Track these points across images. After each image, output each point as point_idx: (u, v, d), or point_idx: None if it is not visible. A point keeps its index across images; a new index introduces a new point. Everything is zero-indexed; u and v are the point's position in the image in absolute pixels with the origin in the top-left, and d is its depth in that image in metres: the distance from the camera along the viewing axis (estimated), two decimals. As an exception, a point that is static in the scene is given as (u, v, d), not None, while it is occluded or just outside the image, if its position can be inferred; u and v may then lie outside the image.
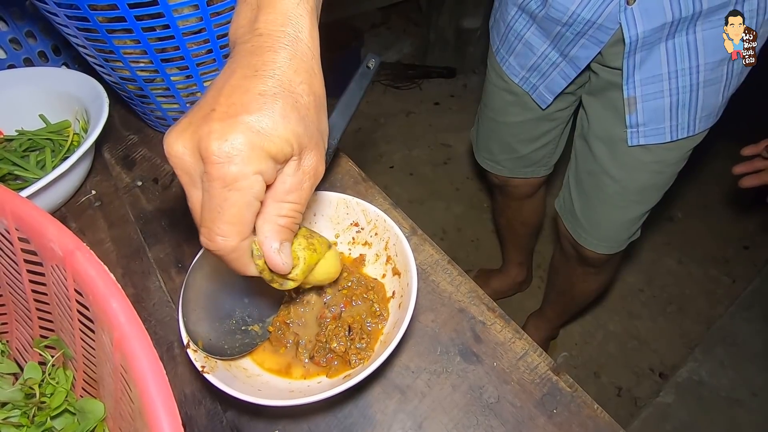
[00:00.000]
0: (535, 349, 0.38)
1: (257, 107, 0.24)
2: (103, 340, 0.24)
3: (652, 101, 0.61)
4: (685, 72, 0.58)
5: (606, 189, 0.74)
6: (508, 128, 0.86)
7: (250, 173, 0.24)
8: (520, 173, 0.95)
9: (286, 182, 0.27)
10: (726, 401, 1.22)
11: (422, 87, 2.18)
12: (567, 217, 0.87)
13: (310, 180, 0.28)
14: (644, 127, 0.63)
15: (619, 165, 0.70)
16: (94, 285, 0.23)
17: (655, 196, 0.74)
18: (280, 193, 0.27)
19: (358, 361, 0.35)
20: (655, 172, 0.69)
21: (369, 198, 0.49)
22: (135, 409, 0.22)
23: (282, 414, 0.35)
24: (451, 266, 0.44)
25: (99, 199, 0.52)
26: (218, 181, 0.24)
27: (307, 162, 0.27)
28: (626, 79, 0.60)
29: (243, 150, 0.24)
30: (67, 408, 0.29)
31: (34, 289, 0.29)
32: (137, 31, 0.42)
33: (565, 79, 0.68)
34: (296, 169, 0.27)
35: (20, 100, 0.55)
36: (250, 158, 0.24)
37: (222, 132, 0.24)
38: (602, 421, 0.35)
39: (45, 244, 0.25)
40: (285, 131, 0.25)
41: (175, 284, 0.44)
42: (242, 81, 0.25)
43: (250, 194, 0.25)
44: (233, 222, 0.25)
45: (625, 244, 0.83)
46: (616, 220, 0.78)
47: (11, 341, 0.34)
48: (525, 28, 0.68)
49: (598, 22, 0.58)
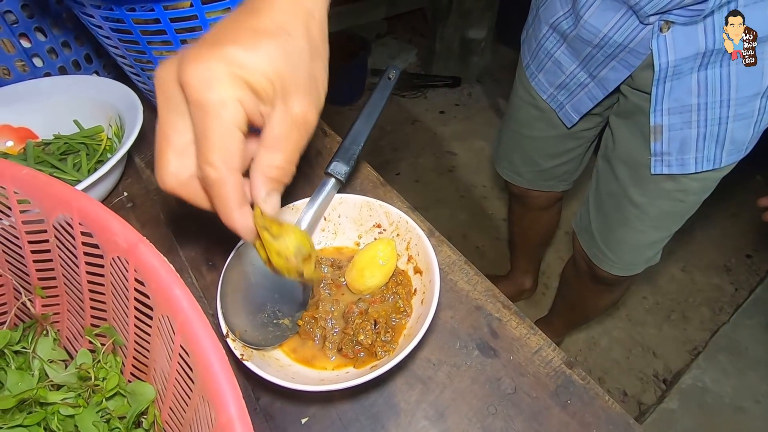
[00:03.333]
0: (549, 344, 0.41)
1: (244, 40, 0.24)
2: (162, 325, 0.27)
3: (678, 131, 0.60)
4: (715, 105, 0.56)
5: (625, 212, 0.73)
6: (532, 142, 0.86)
7: (228, 100, 0.24)
8: (540, 186, 0.96)
9: (275, 128, 0.26)
10: (729, 408, 1.23)
11: (427, 96, 2.21)
12: (583, 235, 0.86)
13: (299, 129, 0.27)
14: (669, 156, 0.63)
15: (641, 190, 0.69)
16: (157, 274, 0.26)
17: (675, 223, 0.73)
18: (269, 140, 0.26)
19: (384, 353, 0.37)
20: (677, 200, 0.68)
21: (388, 201, 0.52)
22: (195, 388, 0.25)
23: (312, 401, 0.38)
24: (468, 266, 0.46)
25: (131, 201, 0.55)
26: (196, 106, 0.24)
27: (295, 108, 0.26)
28: (654, 106, 0.59)
29: (221, 77, 0.24)
30: (119, 390, 0.32)
31: (90, 280, 0.32)
32: (176, 42, 0.45)
33: (592, 100, 0.68)
34: (284, 115, 0.26)
35: (56, 107, 0.58)
36: (227, 85, 0.24)
37: (202, 58, 0.24)
38: (614, 412, 0.37)
39: (109, 237, 0.28)
40: (267, 68, 0.25)
41: (206, 281, 0.46)
42: (238, 16, 0.26)
43: (230, 121, 0.25)
44: (217, 149, 0.25)
45: (642, 268, 0.82)
46: (634, 244, 0.77)
47: (62, 330, 0.36)
48: (555, 47, 0.68)
49: (630, 46, 0.58)
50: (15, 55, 0.57)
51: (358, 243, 0.46)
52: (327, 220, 0.46)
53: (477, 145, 1.96)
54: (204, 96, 0.24)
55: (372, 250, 0.42)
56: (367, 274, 0.41)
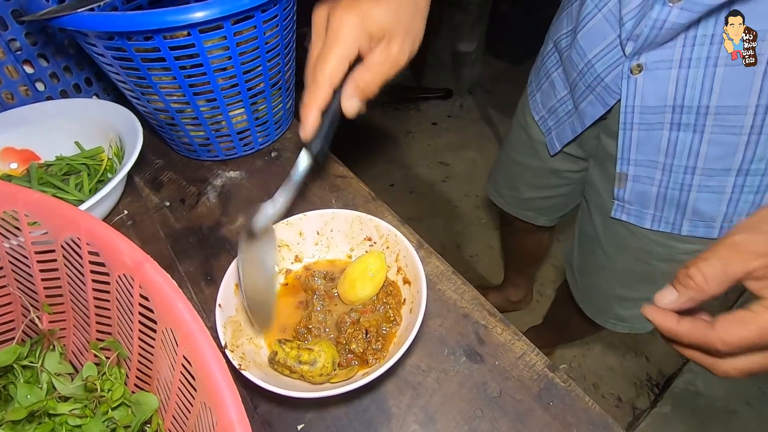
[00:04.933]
0: (533, 349, 0.43)
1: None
2: (166, 338, 0.29)
3: (640, 184, 0.59)
4: (679, 169, 0.54)
5: (597, 258, 0.73)
6: (516, 166, 0.86)
7: (352, 39, 0.38)
8: (518, 214, 0.95)
9: (374, 58, 0.39)
10: (722, 411, 1.25)
11: (420, 108, 2.25)
12: (569, 270, 0.86)
13: (391, 63, 0.40)
14: (629, 205, 0.62)
15: (608, 238, 0.69)
16: (162, 290, 0.28)
17: (643, 285, 0.69)
18: (368, 64, 0.39)
19: (375, 361, 0.39)
20: (642, 261, 0.66)
21: (379, 215, 0.54)
22: (197, 396, 0.27)
23: (308, 408, 0.39)
24: (456, 276, 0.48)
25: (131, 219, 0.57)
26: (331, 36, 0.38)
27: (393, 48, 0.39)
28: (621, 153, 0.58)
29: (353, 23, 0.37)
30: (124, 401, 0.33)
31: (96, 297, 0.34)
32: (174, 69, 0.48)
33: (572, 131, 0.66)
34: (384, 49, 0.39)
35: (58, 129, 0.60)
36: (355, 29, 0.37)
37: (346, 8, 0.38)
38: (594, 413, 0.39)
39: (115, 256, 0.30)
40: (383, 19, 0.38)
41: (205, 295, 0.48)
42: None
43: (346, 53, 0.38)
44: (329, 65, 0.38)
45: (613, 325, 0.78)
46: (603, 292, 0.76)
47: (67, 345, 0.38)
48: (554, 68, 0.67)
49: (606, 81, 0.56)
50: (18, 81, 0.59)
51: (350, 256, 0.48)
52: (320, 234, 0.48)
53: (470, 155, 2.00)
54: (338, 32, 0.38)
55: (363, 262, 0.44)
56: (359, 286, 0.43)
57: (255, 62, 0.52)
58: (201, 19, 0.42)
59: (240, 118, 0.58)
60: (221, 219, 0.56)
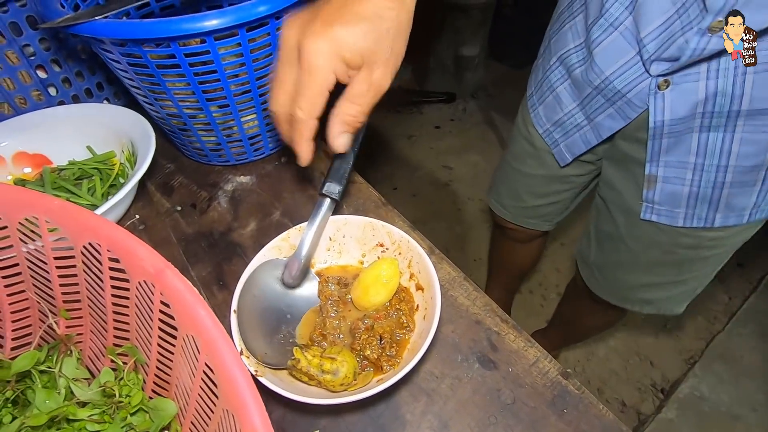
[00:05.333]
0: (546, 356, 0.43)
1: (348, 21, 0.33)
2: (186, 344, 0.29)
3: (671, 185, 0.59)
4: (711, 168, 0.55)
5: (621, 254, 0.73)
6: (520, 177, 0.85)
7: (327, 69, 0.34)
8: (522, 222, 0.95)
9: (355, 88, 0.36)
10: (727, 417, 1.25)
11: (423, 111, 2.26)
12: (582, 265, 0.87)
13: (374, 90, 0.36)
14: (659, 206, 0.62)
15: (634, 236, 0.69)
16: (183, 297, 0.28)
17: (669, 272, 0.70)
18: (350, 95, 0.36)
19: (389, 367, 0.39)
20: (668, 251, 0.67)
21: (389, 221, 0.54)
22: (219, 402, 0.27)
23: (322, 414, 0.40)
24: (467, 282, 0.49)
25: (143, 223, 0.57)
26: (305, 68, 0.34)
27: (375, 75, 0.35)
28: (650, 157, 0.58)
29: (326, 52, 0.34)
30: (141, 407, 0.34)
31: (115, 302, 0.34)
32: (189, 75, 0.48)
33: (585, 144, 0.67)
34: (366, 78, 0.35)
35: (70, 134, 0.60)
36: (329, 59, 0.34)
37: (318, 35, 0.34)
38: (607, 420, 0.39)
39: (136, 263, 0.30)
40: (361, 45, 0.34)
41: (217, 300, 0.49)
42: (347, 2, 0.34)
43: (324, 84, 0.35)
44: (307, 100, 0.35)
45: (638, 307, 0.80)
46: (629, 284, 0.77)
47: (84, 350, 0.38)
48: (559, 81, 0.66)
49: (628, 96, 0.56)
50: (31, 86, 0.60)
51: (362, 261, 0.49)
52: (332, 240, 0.48)
53: (472, 159, 2.00)
54: (311, 63, 0.34)
55: (376, 269, 0.44)
56: (372, 292, 0.43)
57: (268, 68, 0.52)
58: (217, 27, 0.42)
59: (251, 124, 0.58)
60: (232, 224, 0.56)
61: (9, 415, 0.33)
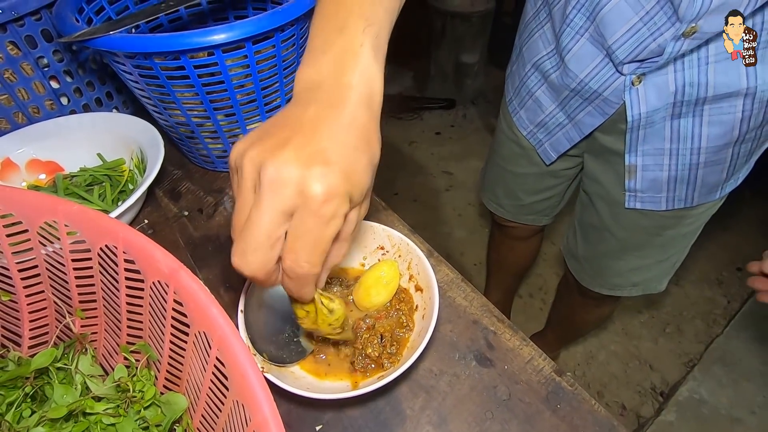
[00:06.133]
0: (540, 354, 0.44)
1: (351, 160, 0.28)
2: (198, 341, 0.31)
3: (650, 172, 0.62)
4: (686, 152, 0.59)
5: (607, 243, 0.76)
6: (514, 177, 0.88)
7: (342, 214, 0.27)
8: (521, 219, 0.98)
9: (350, 226, 0.30)
10: (726, 419, 1.26)
11: (423, 118, 2.29)
12: (570, 259, 0.90)
13: (357, 224, 0.31)
14: (642, 193, 0.65)
15: (619, 224, 0.72)
16: (196, 296, 0.30)
17: (654, 253, 0.75)
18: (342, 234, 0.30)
19: (390, 365, 0.41)
20: (653, 234, 0.71)
21: (389, 224, 0.56)
22: (230, 394, 0.29)
23: (325, 409, 0.41)
24: (465, 284, 0.50)
25: (151, 228, 0.59)
26: (317, 217, 0.26)
27: (363, 207, 0.31)
28: (628, 148, 0.61)
29: (340, 194, 0.27)
30: (154, 401, 0.35)
31: (129, 302, 0.36)
32: (197, 85, 0.50)
33: (569, 141, 0.70)
34: (356, 214, 0.30)
35: (81, 141, 0.63)
36: (344, 201, 0.27)
37: (325, 176, 0.26)
38: (599, 415, 0.40)
39: (151, 264, 0.32)
40: (365, 185, 0.29)
41: (224, 301, 0.50)
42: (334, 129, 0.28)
43: (335, 232, 0.28)
44: (318, 253, 0.28)
45: (630, 292, 0.83)
46: (618, 270, 0.80)
47: (98, 348, 0.40)
48: (536, 86, 0.69)
49: (604, 95, 0.59)
50: (45, 96, 0.62)
51: (363, 264, 0.51)
52: (335, 243, 0.50)
53: (472, 164, 2.02)
54: (327, 211, 0.26)
55: (377, 270, 0.46)
56: (373, 293, 0.45)
57: (272, 78, 0.54)
58: (226, 40, 0.45)
59: (256, 132, 0.60)
60: (238, 228, 0.58)
61: (28, 409, 0.35)
